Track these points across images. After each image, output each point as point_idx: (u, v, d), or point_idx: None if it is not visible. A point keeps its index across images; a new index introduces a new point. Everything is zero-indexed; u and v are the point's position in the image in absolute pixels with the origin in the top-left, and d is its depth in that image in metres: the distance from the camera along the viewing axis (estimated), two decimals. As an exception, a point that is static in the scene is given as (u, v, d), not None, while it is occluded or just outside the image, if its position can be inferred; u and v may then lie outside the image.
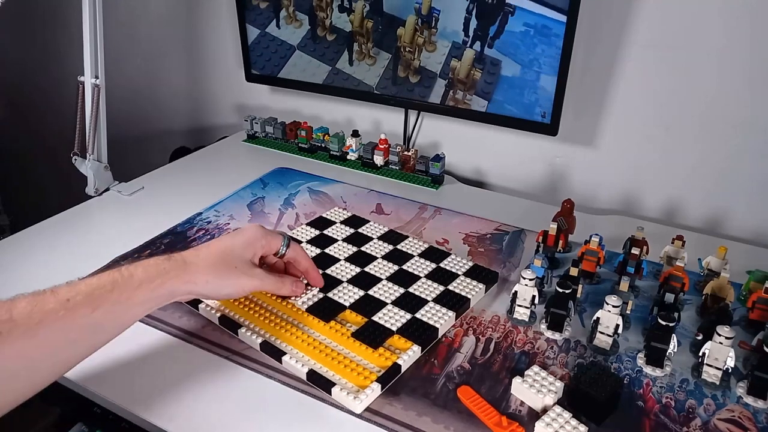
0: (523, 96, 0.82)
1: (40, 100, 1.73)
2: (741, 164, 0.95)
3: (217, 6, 1.31)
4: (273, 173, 1.10)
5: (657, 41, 0.93)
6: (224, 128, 1.44)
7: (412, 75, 0.90)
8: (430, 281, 0.77)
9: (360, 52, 0.94)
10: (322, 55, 0.99)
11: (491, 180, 1.18)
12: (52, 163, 1.66)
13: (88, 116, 0.99)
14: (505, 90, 0.84)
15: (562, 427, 0.55)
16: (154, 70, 1.50)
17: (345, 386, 0.60)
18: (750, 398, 0.61)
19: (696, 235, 0.92)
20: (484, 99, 0.88)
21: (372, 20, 0.87)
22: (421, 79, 0.89)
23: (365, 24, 0.89)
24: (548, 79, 0.83)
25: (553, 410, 0.57)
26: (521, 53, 0.80)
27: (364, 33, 0.91)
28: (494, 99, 0.86)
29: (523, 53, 0.80)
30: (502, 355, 0.67)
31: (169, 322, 0.71)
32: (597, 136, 1.04)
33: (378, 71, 0.92)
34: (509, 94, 0.84)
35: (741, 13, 0.86)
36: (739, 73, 0.90)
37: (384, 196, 1.02)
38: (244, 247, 0.64)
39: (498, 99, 0.85)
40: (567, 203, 0.83)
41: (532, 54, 0.79)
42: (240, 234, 0.66)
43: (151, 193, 1.03)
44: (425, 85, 0.89)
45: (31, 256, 0.85)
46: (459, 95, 0.89)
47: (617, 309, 0.65)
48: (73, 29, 1.03)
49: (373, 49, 0.92)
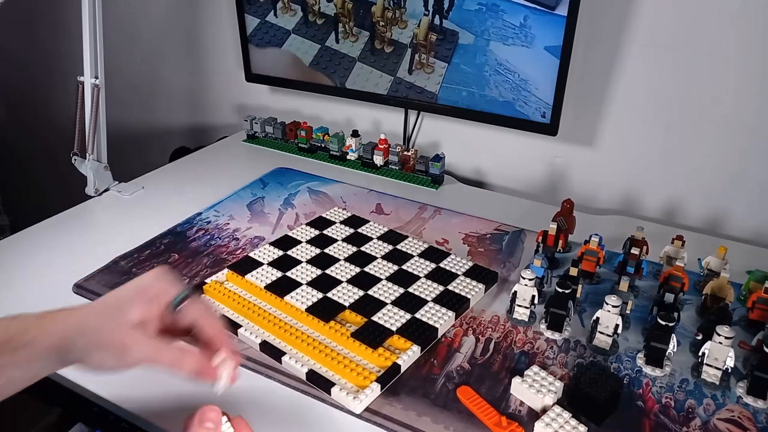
0: (475, 58, 0.97)
1: (40, 100, 1.73)
2: (741, 164, 0.95)
3: (217, 6, 1.31)
4: (273, 173, 1.10)
5: (657, 41, 0.93)
6: (224, 128, 1.44)
7: (386, 46, 1.05)
8: (429, 281, 0.77)
9: (345, 32, 1.09)
10: (313, 36, 1.13)
11: (491, 180, 1.18)
12: (52, 163, 1.66)
13: (88, 116, 0.99)
14: (461, 54, 0.98)
15: (562, 427, 0.55)
16: (154, 70, 1.50)
17: (344, 386, 0.60)
18: (750, 398, 0.61)
19: (696, 235, 0.92)
20: (444, 61, 1.00)
21: (352, 2, 1.05)
22: (395, 49, 1.04)
23: (346, 5, 1.05)
24: (495, 44, 0.95)
25: (553, 410, 0.57)
26: (475, 26, 0.95)
27: (346, 13, 1.07)
28: (453, 62, 0.99)
29: (476, 26, 0.95)
30: (501, 355, 0.67)
31: (169, 322, 0.71)
32: (597, 136, 1.04)
33: (360, 46, 1.08)
34: (465, 57, 0.98)
35: (741, 13, 0.86)
36: (739, 73, 0.90)
37: (384, 196, 1.02)
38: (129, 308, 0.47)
39: (456, 62, 0.99)
40: (567, 203, 0.83)
41: (483, 26, 0.94)
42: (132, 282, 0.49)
43: (151, 193, 1.03)
44: (398, 54, 1.04)
45: (31, 256, 0.85)
46: (423, 58, 1.02)
47: (617, 309, 0.65)
48: (73, 29, 1.03)
49: (354, 28, 1.07)
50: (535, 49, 0.91)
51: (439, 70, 1.01)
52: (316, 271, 0.78)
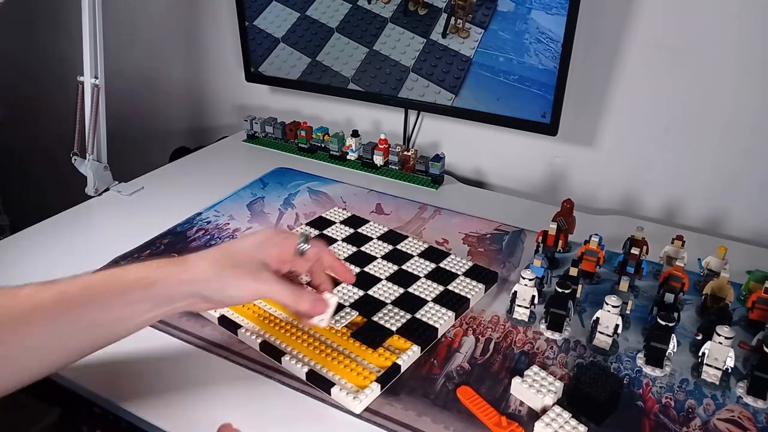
0: (515, 26, 0.93)
1: (40, 100, 1.73)
2: (741, 164, 0.95)
3: (217, 6, 1.31)
4: (273, 173, 1.10)
5: (657, 41, 0.93)
6: (224, 128, 1.44)
7: (420, 8, 1.01)
8: (429, 281, 0.77)
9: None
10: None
11: (491, 180, 1.18)
12: (53, 163, 1.66)
13: (88, 116, 0.99)
14: (499, 21, 0.94)
15: (562, 427, 0.55)
16: (154, 70, 1.50)
17: (344, 386, 0.60)
18: (750, 398, 0.61)
19: (696, 235, 0.92)
20: (481, 27, 0.96)
21: None
22: (428, 12, 1.01)
23: None
24: (538, 14, 0.91)
25: (553, 410, 0.57)
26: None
27: None
28: (490, 28, 0.95)
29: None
30: (501, 355, 0.67)
31: (169, 323, 0.71)
32: (597, 136, 1.04)
33: (392, 7, 1.04)
34: (503, 24, 0.94)
35: (741, 14, 0.86)
36: (739, 73, 0.90)
37: (384, 196, 1.02)
38: (254, 247, 0.58)
39: (493, 28, 0.95)
40: (567, 203, 0.83)
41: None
42: (251, 234, 0.60)
43: (151, 193, 1.03)
44: (431, 16, 1.00)
45: (31, 256, 0.85)
46: (459, 23, 0.98)
47: (617, 309, 0.65)
48: (73, 29, 1.03)
49: None
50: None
51: (474, 35, 0.98)
52: (316, 271, 0.78)
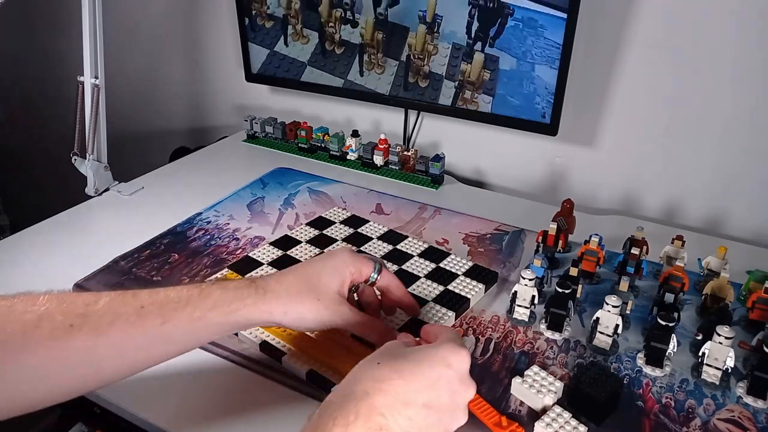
0: (522, 87, 0.89)
1: (40, 100, 1.73)
2: (741, 164, 0.95)
3: (217, 6, 1.31)
4: (273, 173, 1.10)
5: (657, 41, 0.93)
6: (224, 128, 1.44)
7: (421, 80, 0.95)
8: (429, 281, 0.77)
9: (369, 62, 0.98)
10: (333, 69, 1.02)
11: (491, 180, 1.18)
12: (52, 163, 1.65)
13: (88, 116, 0.99)
14: (504, 83, 0.90)
15: (562, 428, 0.55)
16: (154, 70, 1.50)
17: (345, 386, 0.60)
18: (750, 398, 0.61)
19: (696, 235, 0.92)
20: (489, 95, 0.93)
21: (382, 31, 0.93)
22: (430, 83, 0.95)
23: (375, 36, 0.94)
24: (542, 68, 0.88)
25: (553, 410, 0.57)
26: (514, 47, 0.86)
27: (374, 45, 0.96)
28: (498, 93, 0.91)
29: (516, 47, 0.86)
30: (501, 355, 0.67)
31: (169, 322, 0.71)
32: (597, 136, 1.04)
33: (388, 79, 0.97)
34: (509, 86, 0.90)
35: (741, 13, 0.86)
36: (739, 73, 0.90)
37: (384, 196, 1.02)
38: (332, 275, 0.58)
39: (501, 93, 0.91)
40: (567, 203, 0.83)
41: (524, 46, 0.86)
42: (329, 259, 0.60)
43: (151, 193, 1.03)
44: (434, 88, 0.94)
45: (31, 256, 0.85)
46: (467, 95, 0.94)
47: (617, 309, 0.65)
48: (73, 29, 1.03)
49: (382, 58, 0.96)
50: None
51: (483, 105, 0.93)
52: (316, 271, 0.78)
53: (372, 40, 0.95)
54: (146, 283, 0.78)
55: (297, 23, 1.06)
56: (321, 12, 1.03)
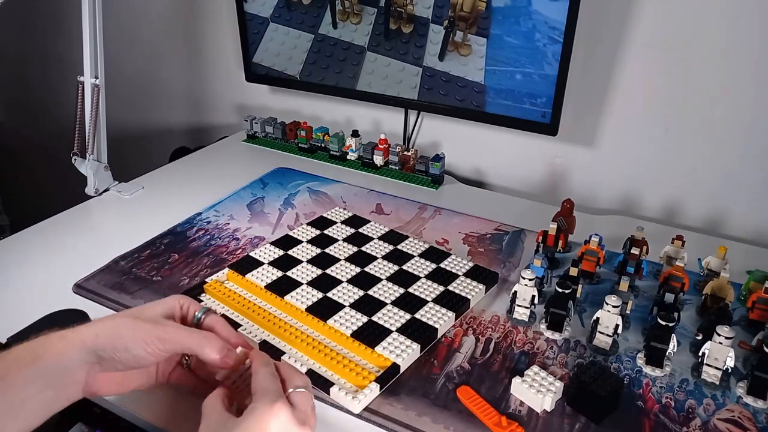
0: (519, 24, 0.77)
1: (40, 100, 1.73)
2: (741, 164, 0.95)
3: (217, 6, 1.31)
4: (273, 173, 1.10)
5: (657, 41, 0.93)
6: (224, 128, 1.44)
7: (404, 25, 0.80)
8: (430, 281, 0.77)
9: (343, 11, 0.82)
10: (301, 23, 0.85)
11: (491, 180, 1.18)
12: (52, 163, 1.65)
13: (88, 116, 0.99)
14: (500, 22, 0.77)
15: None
16: (154, 70, 1.50)
17: (343, 386, 0.60)
18: (750, 398, 0.61)
19: (696, 235, 0.92)
20: (483, 36, 0.79)
21: None
22: (415, 28, 0.80)
23: None
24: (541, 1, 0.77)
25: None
26: None
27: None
28: (492, 34, 0.78)
29: None
30: (501, 355, 0.67)
31: (169, 322, 0.71)
32: (597, 136, 1.04)
33: (366, 29, 0.82)
34: (505, 25, 0.78)
35: (742, 13, 0.86)
36: (739, 73, 0.90)
37: (384, 196, 1.02)
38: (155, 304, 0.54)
39: (496, 33, 0.77)
40: (567, 203, 0.83)
41: None
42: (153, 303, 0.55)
43: (151, 193, 1.03)
44: (420, 33, 0.79)
45: (31, 256, 0.85)
46: (458, 37, 0.79)
47: (617, 309, 0.65)
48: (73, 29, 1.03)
49: (357, 5, 0.80)
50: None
51: (478, 48, 0.78)
52: (317, 270, 0.78)
53: None
54: (146, 283, 0.78)
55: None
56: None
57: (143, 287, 0.77)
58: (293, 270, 0.78)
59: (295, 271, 0.78)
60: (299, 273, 0.78)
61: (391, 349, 0.65)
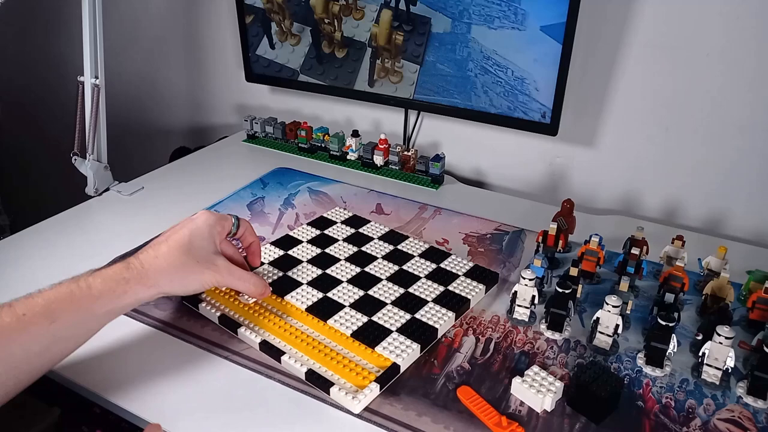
0: (454, 52, 0.73)
1: (40, 100, 1.73)
2: (741, 164, 0.95)
3: (217, 6, 1.31)
4: (273, 173, 1.10)
5: (657, 41, 0.93)
6: (224, 128, 1.44)
7: (338, 50, 0.78)
8: (430, 281, 0.77)
9: (281, 32, 0.80)
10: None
11: (491, 180, 1.18)
12: (52, 163, 1.66)
13: (88, 116, 0.99)
14: (435, 48, 0.74)
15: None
16: (154, 70, 1.50)
17: (343, 386, 0.60)
18: (750, 398, 0.61)
19: (696, 235, 0.92)
20: (414, 62, 0.76)
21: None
22: (348, 53, 0.78)
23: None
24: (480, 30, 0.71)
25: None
26: (449, 5, 0.70)
27: (276, 9, 0.75)
28: (426, 60, 0.75)
29: (451, 5, 0.69)
30: (501, 355, 0.67)
31: (169, 322, 0.71)
32: (597, 136, 1.04)
33: (303, 50, 0.80)
34: (440, 52, 0.73)
35: (742, 13, 0.86)
36: (739, 73, 0.90)
37: (384, 196, 1.02)
38: (203, 237, 0.63)
39: (430, 60, 0.75)
40: (567, 203, 0.83)
41: (461, 4, 0.69)
42: (193, 223, 0.64)
43: (151, 193, 1.03)
44: (353, 59, 0.77)
45: (31, 256, 0.85)
46: (388, 64, 0.77)
47: (617, 309, 0.65)
48: (73, 29, 1.03)
49: (293, 26, 0.78)
50: (529, 31, 0.73)
51: (409, 75, 0.78)
52: (317, 270, 0.78)
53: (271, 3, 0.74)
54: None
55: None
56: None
57: (143, 287, 0.77)
58: (293, 270, 0.78)
59: (295, 271, 0.78)
60: (299, 273, 0.78)
61: (391, 349, 0.65)
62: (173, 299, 0.75)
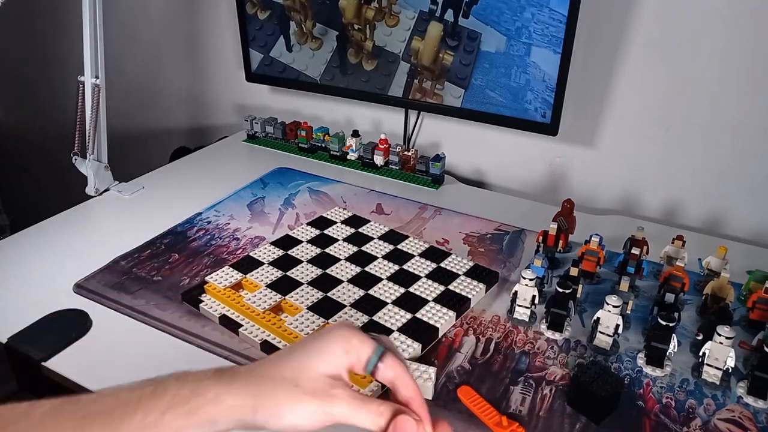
0: (510, 78, 0.62)
1: (40, 100, 1.73)
2: (741, 164, 0.95)
3: (217, 6, 1.31)
4: (273, 173, 1.10)
5: (657, 41, 0.93)
6: (224, 128, 1.44)
7: (366, 61, 0.67)
8: (430, 281, 0.77)
9: (300, 33, 0.69)
10: (252, 40, 0.70)
11: (491, 180, 1.18)
12: (52, 163, 1.66)
13: (88, 116, 0.99)
14: (485, 71, 0.61)
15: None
16: (154, 70, 1.50)
17: (345, 386, 0.60)
18: (750, 398, 0.61)
19: (696, 235, 0.92)
20: (460, 87, 0.64)
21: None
22: (378, 66, 0.67)
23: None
24: (543, 52, 0.60)
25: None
26: (505, 20, 0.58)
27: (297, 6, 0.65)
28: (473, 84, 0.63)
29: (507, 20, 0.58)
30: (502, 355, 0.67)
31: (170, 323, 0.71)
32: (597, 136, 1.04)
33: (325, 56, 0.69)
34: (491, 75, 0.61)
35: (741, 13, 0.86)
36: (739, 73, 0.90)
37: (384, 196, 1.02)
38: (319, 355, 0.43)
39: (477, 84, 0.63)
40: (567, 203, 0.83)
41: (520, 20, 0.58)
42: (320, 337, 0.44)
43: (151, 193, 1.03)
44: (384, 73, 0.66)
45: (31, 256, 0.85)
46: (427, 85, 0.65)
47: (617, 309, 0.65)
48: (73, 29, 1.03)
49: (315, 27, 0.67)
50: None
51: (451, 99, 0.64)
52: (317, 270, 0.78)
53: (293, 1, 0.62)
54: (146, 283, 0.78)
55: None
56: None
57: (143, 287, 0.77)
58: (293, 270, 0.78)
59: (295, 271, 0.78)
60: (300, 273, 0.78)
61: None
62: (173, 299, 0.75)
